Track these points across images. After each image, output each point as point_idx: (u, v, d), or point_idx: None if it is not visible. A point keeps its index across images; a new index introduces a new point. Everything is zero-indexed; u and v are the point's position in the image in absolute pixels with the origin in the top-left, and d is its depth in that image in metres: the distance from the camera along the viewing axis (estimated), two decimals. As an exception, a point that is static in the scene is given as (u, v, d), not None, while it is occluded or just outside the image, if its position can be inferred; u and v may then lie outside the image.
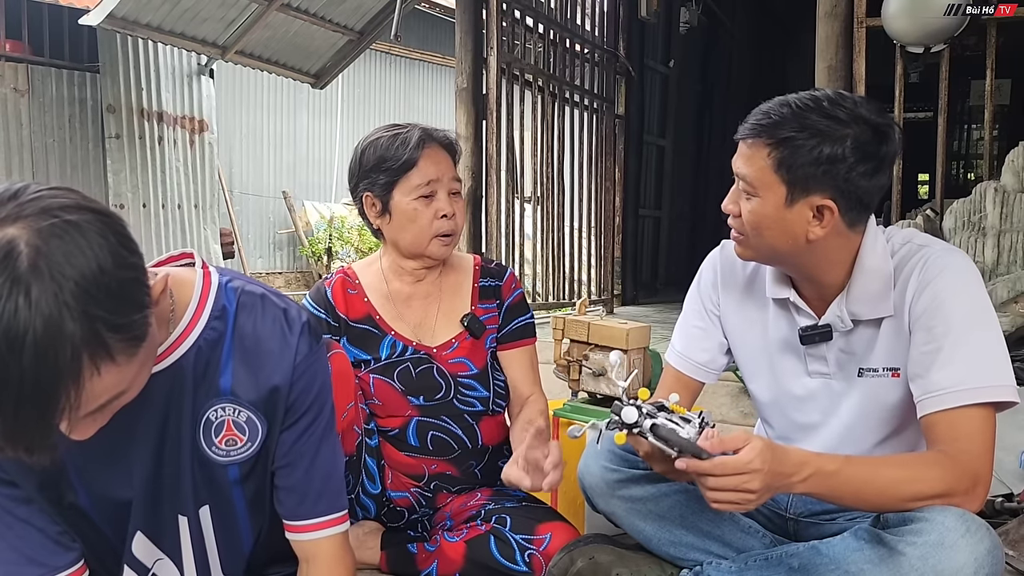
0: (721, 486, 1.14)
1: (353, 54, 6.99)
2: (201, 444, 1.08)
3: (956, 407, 1.24)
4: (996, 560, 1.17)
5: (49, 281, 0.76)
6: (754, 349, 1.53)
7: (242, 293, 1.09)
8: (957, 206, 3.40)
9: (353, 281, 1.86)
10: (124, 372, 0.85)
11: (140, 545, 1.11)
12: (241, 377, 1.07)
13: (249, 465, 1.10)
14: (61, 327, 0.76)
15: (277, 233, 9.89)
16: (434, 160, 1.76)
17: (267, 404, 1.08)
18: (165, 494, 1.09)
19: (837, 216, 1.30)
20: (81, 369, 0.79)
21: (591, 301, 5.62)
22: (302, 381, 1.09)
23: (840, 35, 3.45)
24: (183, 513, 1.11)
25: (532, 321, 1.91)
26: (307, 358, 1.09)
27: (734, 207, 1.37)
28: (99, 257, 0.79)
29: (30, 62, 7.17)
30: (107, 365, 0.81)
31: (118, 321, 0.81)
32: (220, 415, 1.07)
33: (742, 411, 2.86)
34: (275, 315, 1.09)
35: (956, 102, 7.79)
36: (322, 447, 1.13)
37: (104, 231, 0.82)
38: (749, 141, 1.32)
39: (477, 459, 1.84)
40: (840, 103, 1.28)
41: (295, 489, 1.12)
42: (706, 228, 8.21)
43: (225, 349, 1.06)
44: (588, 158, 5.88)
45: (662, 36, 7.04)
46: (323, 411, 1.13)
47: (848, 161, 1.26)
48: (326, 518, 1.15)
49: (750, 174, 1.32)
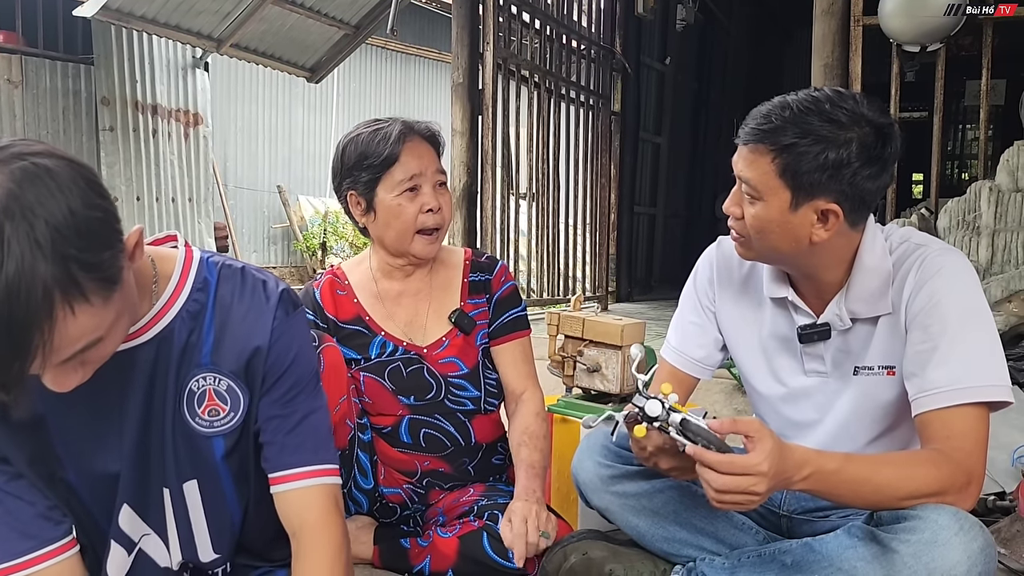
0: (728, 487, 1.13)
1: (349, 48, 6.98)
2: (185, 415, 1.09)
3: (951, 406, 1.25)
4: (989, 558, 1.17)
5: (21, 220, 0.78)
6: (750, 346, 1.53)
7: (223, 266, 1.13)
8: (952, 205, 3.41)
9: (342, 282, 1.84)
10: (99, 316, 0.87)
11: (127, 518, 1.11)
12: (222, 346, 1.10)
13: (234, 438, 1.12)
14: (34, 266, 0.79)
15: (272, 227, 9.87)
16: (416, 154, 1.73)
17: (247, 371, 1.10)
18: (152, 466, 1.10)
19: (842, 219, 1.29)
20: (53, 308, 0.81)
21: (586, 298, 5.62)
22: (279, 344, 1.11)
23: (836, 33, 3.46)
24: (166, 485, 1.12)
25: (524, 314, 1.88)
26: (284, 322, 1.12)
27: (736, 209, 1.36)
28: (70, 199, 0.82)
29: (24, 53, 7.12)
30: (81, 306, 0.84)
31: (90, 259, 0.83)
32: (202, 384, 1.09)
33: (736, 408, 2.87)
34: (254, 285, 1.13)
35: (951, 102, 7.82)
36: (305, 409, 1.15)
37: (74, 176, 0.85)
38: (751, 145, 1.30)
39: (470, 456, 1.83)
40: (841, 104, 1.27)
41: (274, 443, 1.13)
42: (701, 225, 8.22)
43: (207, 319, 1.10)
44: (584, 155, 5.88)
45: (658, 33, 7.05)
46: (303, 375, 1.15)
47: (853, 165, 1.25)
48: (311, 468, 1.15)
49: (753, 178, 1.30)
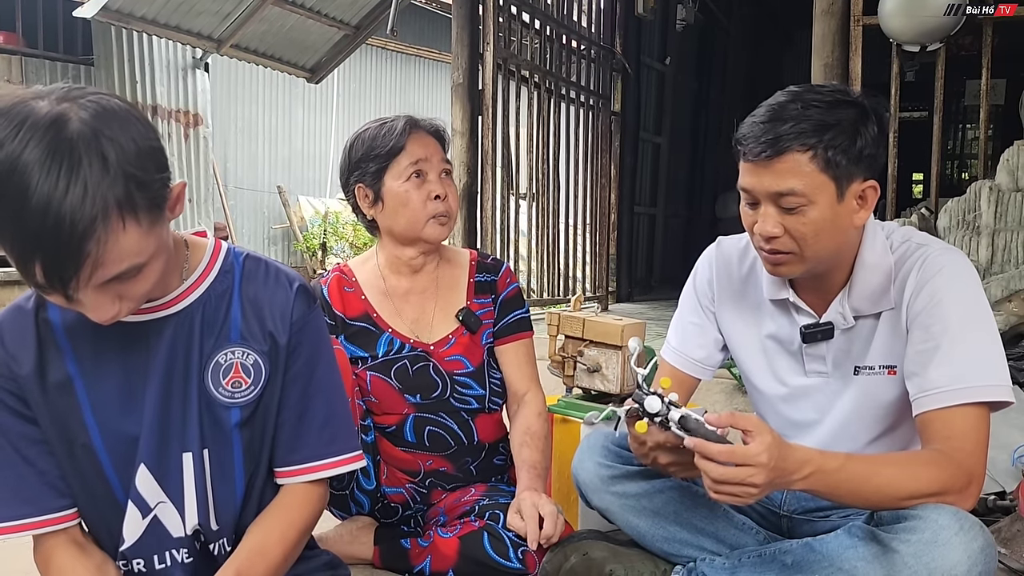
0: (726, 477, 1.13)
1: (349, 49, 6.97)
2: (208, 385, 1.16)
3: (952, 406, 1.25)
4: (989, 558, 1.18)
5: (93, 141, 0.91)
6: (750, 346, 1.53)
7: (247, 257, 1.24)
8: (952, 205, 3.41)
9: (350, 279, 1.86)
10: (144, 239, 0.97)
11: (144, 481, 1.14)
12: (249, 325, 1.18)
13: (250, 409, 1.18)
14: (101, 181, 0.91)
15: (272, 228, 9.86)
16: (421, 143, 1.78)
17: (271, 352, 1.19)
18: (172, 430, 1.15)
19: (878, 192, 1.33)
20: (109, 219, 0.92)
21: (586, 298, 5.62)
22: (298, 335, 1.20)
23: (836, 33, 3.46)
24: (188, 450, 1.16)
25: (527, 315, 1.91)
26: (304, 315, 1.21)
27: (777, 228, 1.30)
28: (132, 130, 0.96)
29: (24, 54, 7.12)
30: (131, 222, 0.95)
31: (145, 179, 0.96)
32: (229, 358, 1.17)
33: (736, 408, 2.87)
34: (276, 275, 1.22)
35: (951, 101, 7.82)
36: (322, 397, 1.24)
37: (135, 114, 0.99)
38: (784, 156, 1.26)
39: (473, 456, 1.83)
40: (826, 89, 1.31)
41: (301, 435, 1.22)
42: (701, 225, 8.22)
43: (234, 300, 1.19)
44: (584, 155, 5.88)
45: (659, 33, 7.05)
46: (319, 365, 1.23)
47: (872, 136, 1.28)
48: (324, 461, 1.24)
49: (800, 185, 1.27)
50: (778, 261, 1.34)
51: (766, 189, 1.29)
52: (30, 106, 0.92)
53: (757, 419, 1.16)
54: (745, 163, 1.32)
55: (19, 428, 1.12)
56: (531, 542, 1.56)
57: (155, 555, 1.17)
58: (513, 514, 1.61)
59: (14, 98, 0.94)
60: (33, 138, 0.89)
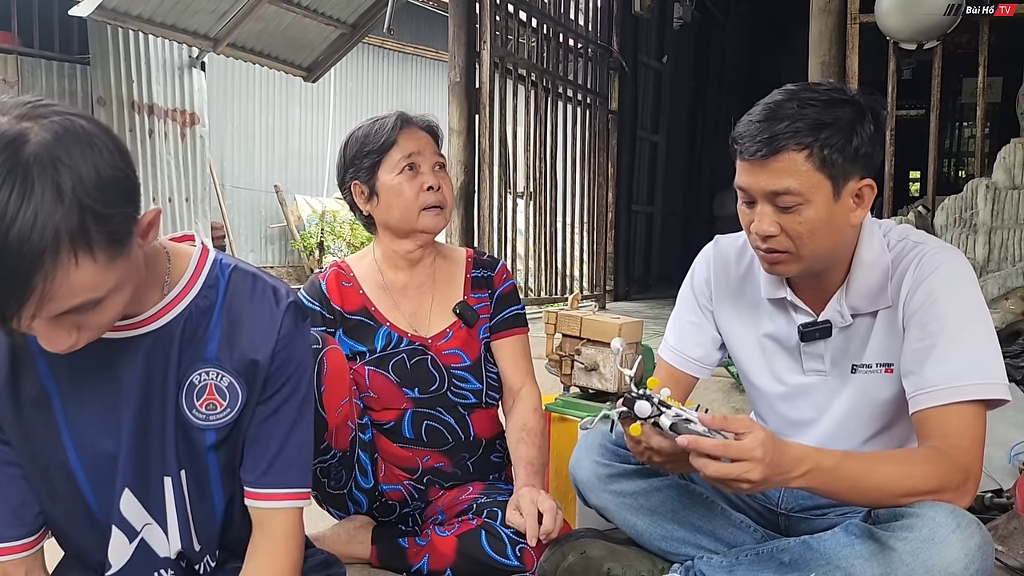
0: (722, 474, 1.13)
1: (346, 48, 6.96)
2: (182, 406, 1.11)
3: (948, 403, 1.25)
4: (986, 555, 1.18)
5: (49, 166, 0.84)
6: (748, 345, 1.53)
7: (235, 269, 1.16)
8: (949, 203, 3.41)
9: (347, 274, 1.87)
10: (100, 275, 0.90)
11: (128, 505, 1.12)
12: (227, 345, 1.12)
13: (225, 431, 1.14)
14: (52, 210, 0.84)
15: (269, 227, 9.85)
16: (414, 138, 1.80)
17: (248, 374, 1.13)
18: (151, 453, 1.12)
19: (875, 191, 1.32)
20: (59, 252, 0.85)
21: (583, 296, 5.62)
22: (282, 355, 1.14)
23: (833, 31, 3.46)
24: (167, 474, 1.13)
25: (523, 312, 1.92)
26: (290, 334, 1.15)
27: (773, 227, 1.30)
28: (96, 157, 0.88)
29: (19, 53, 7.11)
30: (85, 258, 0.87)
31: (103, 212, 0.88)
32: (204, 379, 1.12)
33: (734, 407, 2.87)
34: (264, 291, 1.15)
35: (948, 99, 7.82)
36: (295, 423, 1.17)
37: (106, 140, 0.91)
38: (779, 155, 1.26)
39: (470, 452, 1.84)
40: (822, 87, 1.31)
41: (262, 458, 1.16)
42: (699, 224, 8.22)
43: (215, 317, 1.12)
44: (581, 153, 5.88)
45: (656, 32, 7.05)
46: (298, 388, 1.17)
47: (869, 134, 1.28)
48: (288, 491, 1.18)
49: (795, 185, 1.26)
50: (775, 260, 1.34)
51: (762, 188, 1.29)
52: None
53: (749, 420, 1.16)
54: (741, 162, 1.31)
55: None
56: (530, 538, 1.56)
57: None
58: (512, 511, 1.61)
59: None
60: None
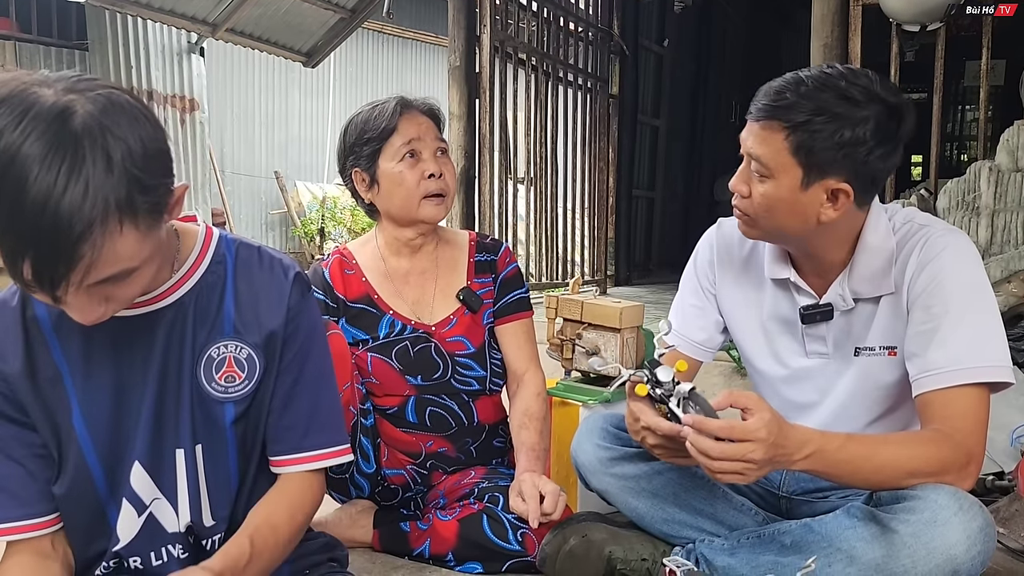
0: (725, 454, 1.13)
1: (345, 32, 6.92)
2: (201, 380, 1.13)
3: (951, 386, 1.25)
4: (988, 537, 1.18)
5: (100, 138, 0.87)
6: (751, 328, 1.53)
7: (240, 244, 1.19)
8: (951, 186, 3.40)
9: (350, 261, 1.86)
10: (140, 244, 0.94)
11: (138, 478, 1.13)
12: (242, 318, 1.15)
13: (244, 404, 1.15)
14: (104, 181, 0.87)
15: (269, 213, 9.84)
16: (414, 123, 1.78)
17: (265, 344, 1.15)
18: (165, 427, 1.13)
19: (852, 198, 1.28)
20: (108, 221, 0.88)
21: (584, 281, 5.61)
22: (294, 323, 1.17)
23: (836, 13, 3.43)
24: (180, 446, 1.14)
25: (527, 295, 1.91)
26: (299, 303, 1.18)
27: (744, 187, 1.34)
28: (141, 128, 0.92)
29: (17, 39, 7.08)
30: (129, 226, 0.91)
31: (148, 182, 0.92)
32: (223, 352, 1.14)
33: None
34: (271, 263, 1.19)
35: (951, 82, 7.78)
36: (320, 387, 1.21)
37: (145, 112, 0.95)
38: (763, 122, 1.28)
39: (473, 437, 1.83)
40: (855, 82, 1.25)
41: (297, 424, 1.20)
42: (700, 208, 8.19)
43: (228, 291, 1.15)
44: (582, 138, 5.85)
45: (656, 15, 7.00)
46: (315, 353, 1.21)
47: (868, 144, 1.24)
48: (328, 450, 1.22)
49: (765, 155, 1.28)
50: (740, 218, 1.39)
51: (747, 148, 1.32)
52: (35, 94, 0.87)
53: (756, 397, 1.16)
54: (747, 117, 1.34)
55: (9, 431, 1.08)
56: (532, 521, 1.56)
57: (151, 552, 1.15)
58: (514, 495, 1.61)
59: (17, 84, 0.89)
60: (36, 130, 0.85)
